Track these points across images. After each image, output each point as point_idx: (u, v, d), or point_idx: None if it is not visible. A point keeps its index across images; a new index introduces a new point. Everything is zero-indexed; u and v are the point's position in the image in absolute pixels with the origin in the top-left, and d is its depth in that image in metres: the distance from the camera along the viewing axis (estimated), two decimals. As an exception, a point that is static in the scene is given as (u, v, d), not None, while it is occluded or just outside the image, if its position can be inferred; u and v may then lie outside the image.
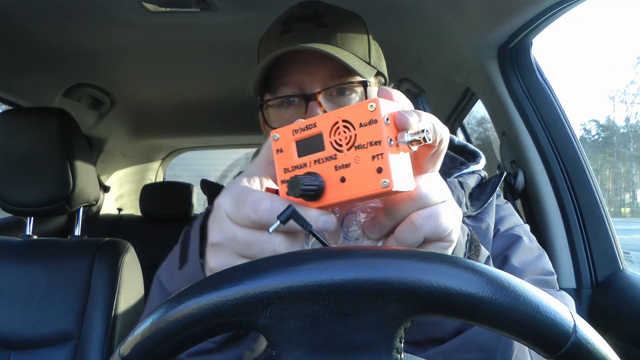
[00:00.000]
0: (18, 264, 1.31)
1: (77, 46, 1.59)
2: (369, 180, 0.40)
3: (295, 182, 0.41)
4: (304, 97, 0.74)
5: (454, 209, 0.46)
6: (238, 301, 0.33)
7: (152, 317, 0.35)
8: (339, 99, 0.75)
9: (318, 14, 0.78)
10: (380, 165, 0.40)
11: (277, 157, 0.45)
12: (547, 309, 0.32)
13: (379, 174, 0.40)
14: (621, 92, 17.91)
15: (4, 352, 1.23)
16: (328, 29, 0.76)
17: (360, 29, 0.80)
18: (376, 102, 0.41)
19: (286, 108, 0.76)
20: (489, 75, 1.40)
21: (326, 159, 0.43)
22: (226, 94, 2.09)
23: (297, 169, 0.44)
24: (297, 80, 0.75)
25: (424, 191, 0.43)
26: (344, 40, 0.76)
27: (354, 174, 0.41)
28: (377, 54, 0.82)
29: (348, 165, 0.42)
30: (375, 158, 0.40)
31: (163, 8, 1.33)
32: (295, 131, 0.44)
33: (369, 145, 0.41)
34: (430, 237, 0.44)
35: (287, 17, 0.80)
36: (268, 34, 0.82)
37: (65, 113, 1.37)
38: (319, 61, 0.73)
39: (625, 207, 13.54)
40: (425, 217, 0.43)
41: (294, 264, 0.34)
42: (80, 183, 1.37)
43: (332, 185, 0.42)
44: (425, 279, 0.32)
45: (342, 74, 0.74)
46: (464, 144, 0.87)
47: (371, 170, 0.40)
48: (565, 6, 1.12)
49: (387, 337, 0.34)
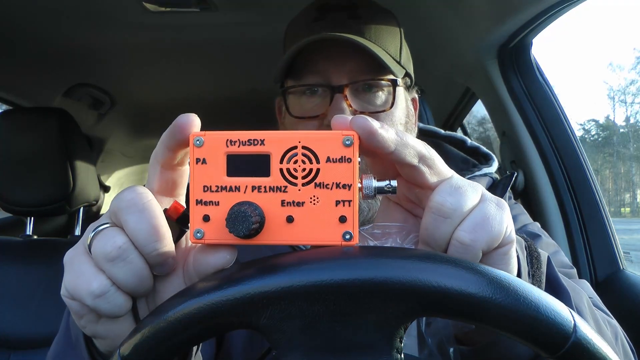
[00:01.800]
0: (18, 264, 1.31)
1: (77, 46, 1.59)
2: (327, 228, 0.35)
3: (242, 217, 0.33)
4: (331, 88, 0.72)
5: (496, 202, 0.39)
6: (238, 301, 0.33)
7: (152, 317, 0.35)
8: (364, 95, 0.73)
9: (353, 5, 0.76)
10: (344, 214, 0.34)
11: (197, 168, 0.36)
12: (547, 309, 0.32)
13: (341, 223, 0.34)
14: (621, 92, 17.95)
15: (4, 352, 1.23)
16: (362, 21, 0.74)
17: (394, 26, 0.78)
18: (354, 137, 0.35)
19: (308, 97, 0.74)
20: (489, 75, 1.40)
21: (271, 188, 0.35)
22: (226, 93, 2.09)
23: (225, 192, 0.35)
24: (324, 70, 0.72)
25: (450, 204, 0.37)
26: (377, 35, 0.74)
27: (308, 216, 0.35)
28: (407, 55, 0.80)
29: (301, 204, 0.35)
30: (340, 204, 0.35)
31: (163, 8, 1.33)
32: (231, 142, 0.35)
33: (335, 186, 0.35)
34: (489, 247, 0.38)
35: (321, 4, 0.77)
36: (298, 19, 0.80)
37: (65, 113, 1.37)
38: (349, 53, 0.71)
39: (625, 207, 13.58)
40: (471, 230, 0.37)
41: (294, 264, 0.34)
42: (80, 183, 1.37)
43: (274, 223, 0.35)
44: (425, 279, 0.32)
45: (371, 69, 0.72)
46: (477, 146, 0.86)
47: (332, 217, 0.35)
48: (565, 6, 1.12)
49: (387, 337, 0.34)
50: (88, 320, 0.39)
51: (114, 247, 0.36)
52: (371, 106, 0.73)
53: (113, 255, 0.36)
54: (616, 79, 52.72)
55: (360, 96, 0.73)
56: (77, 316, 0.40)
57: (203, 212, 0.35)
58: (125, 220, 0.36)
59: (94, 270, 0.37)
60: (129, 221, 0.36)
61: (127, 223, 0.36)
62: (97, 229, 0.37)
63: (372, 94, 0.73)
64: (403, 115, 0.76)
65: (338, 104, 0.70)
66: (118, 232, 0.37)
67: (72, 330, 0.49)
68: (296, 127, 0.74)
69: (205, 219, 0.35)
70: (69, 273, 0.38)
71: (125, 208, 0.36)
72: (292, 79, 0.75)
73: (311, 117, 0.73)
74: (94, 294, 0.36)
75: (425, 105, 1.91)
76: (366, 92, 0.73)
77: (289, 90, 0.75)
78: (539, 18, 1.18)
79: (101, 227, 0.37)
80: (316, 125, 0.73)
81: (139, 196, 0.37)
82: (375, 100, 0.73)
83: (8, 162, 1.33)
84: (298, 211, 0.35)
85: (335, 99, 0.71)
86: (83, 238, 0.39)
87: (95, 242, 0.37)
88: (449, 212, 0.37)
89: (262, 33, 1.45)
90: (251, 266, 0.35)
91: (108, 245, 0.36)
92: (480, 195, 0.39)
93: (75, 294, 0.37)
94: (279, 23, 0.85)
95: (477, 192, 0.39)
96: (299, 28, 0.78)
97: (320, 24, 0.74)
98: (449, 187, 0.38)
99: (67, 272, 0.39)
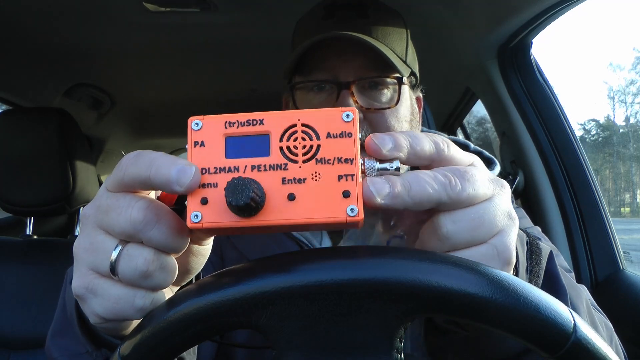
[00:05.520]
0: (18, 264, 1.31)
1: (77, 46, 1.59)
2: (331, 204, 0.33)
3: (242, 185, 0.32)
4: (338, 84, 0.73)
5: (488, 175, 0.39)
6: (238, 301, 0.33)
7: (152, 317, 0.35)
8: (371, 92, 0.75)
9: (362, 5, 0.78)
10: (348, 188, 0.33)
11: (195, 151, 0.35)
12: (547, 309, 0.32)
13: (345, 198, 0.33)
14: (621, 92, 17.94)
15: (4, 352, 1.23)
16: (370, 21, 0.76)
17: (401, 27, 0.80)
18: (353, 112, 0.34)
19: (316, 93, 0.76)
20: (489, 75, 1.40)
21: (271, 167, 0.34)
22: (226, 93, 2.09)
23: (224, 173, 0.34)
24: (332, 67, 0.74)
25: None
26: (384, 35, 0.75)
27: (310, 193, 0.34)
28: (413, 55, 0.82)
29: (302, 180, 0.34)
30: (343, 179, 0.34)
31: (163, 8, 1.33)
32: (229, 123, 0.35)
33: (336, 161, 0.34)
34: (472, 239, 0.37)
35: (330, 2, 0.79)
36: (307, 17, 0.82)
37: (65, 113, 1.37)
38: (357, 51, 0.73)
39: (625, 207, 13.58)
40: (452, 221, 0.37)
41: (294, 263, 0.34)
42: (80, 183, 1.37)
43: (275, 201, 0.34)
44: (425, 279, 0.32)
45: (378, 67, 0.74)
46: (480, 150, 0.87)
47: (335, 192, 0.34)
48: (565, 6, 1.13)
49: (387, 337, 0.34)
50: (125, 327, 0.40)
51: (148, 263, 0.35)
52: (377, 103, 0.75)
53: (151, 270, 0.35)
54: (616, 79, 52.70)
55: (366, 93, 0.75)
56: (110, 330, 0.40)
57: (201, 195, 0.34)
58: (149, 238, 0.35)
59: (132, 290, 0.36)
60: (153, 237, 0.35)
61: (152, 239, 0.35)
62: (116, 249, 0.36)
63: (378, 91, 0.75)
64: (408, 112, 0.78)
65: (344, 100, 0.72)
66: (141, 249, 0.36)
67: (67, 312, 0.49)
68: None
69: (203, 202, 0.34)
70: (97, 302, 0.37)
71: (142, 229, 0.35)
72: (300, 75, 0.77)
73: None
74: (143, 310, 0.36)
75: (426, 105, 1.91)
76: (372, 89, 0.75)
77: (297, 86, 0.77)
78: (539, 18, 1.18)
79: (117, 249, 0.36)
80: None
81: (149, 211, 0.35)
82: (381, 97, 0.75)
83: (8, 162, 1.33)
84: (300, 188, 0.34)
85: (342, 95, 0.72)
86: (85, 263, 0.37)
87: (122, 265, 0.36)
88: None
89: (262, 33, 1.46)
90: (251, 266, 0.35)
91: (140, 264, 0.35)
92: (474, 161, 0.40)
93: (119, 317, 0.37)
94: (279, 23, 0.85)
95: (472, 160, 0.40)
96: (308, 26, 0.79)
97: (329, 22, 0.76)
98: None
99: (93, 301, 0.37)
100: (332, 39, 0.71)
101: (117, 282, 0.37)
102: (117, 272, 0.36)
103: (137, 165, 0.35)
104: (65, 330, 0.50)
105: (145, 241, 0.36)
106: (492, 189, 0.38)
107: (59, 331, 0.53)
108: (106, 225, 0.36)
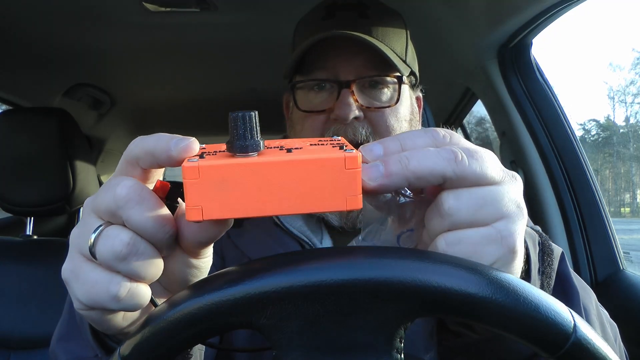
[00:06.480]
0: (18, 264, 1.31)
1: (77, 46, 1.59)
2: (327, 152, 0.34)
3: (242, 115, 0.33)
4: (338, 83, 0.74)
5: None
6: (238, 301, 0.33)
7: (152, 317, 0.35)
8: (371, 91, 0.75)
9: (362, 5, 0.78)
10: (343, 145, 0.36)
11: None
12: (547, 309, 0.32)
13: (340, 149, 0.35)
14: (621, 92, 17.91)
15: (4, 352, 1.23)
16: (370, 21, 0.77)
17: (401, 27, 0.81)
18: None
19: (317, 92, 0.77)
20: (489, 75, 1.40)
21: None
22: (226, 93, 2.09)
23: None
24: (332, 66, 0.75)
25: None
26: (384, 35, 0.76)
27: (308, 150, 0.35)
28: (412, 55, 0.83)
29: (299, 148, 0.36)
30: (337, 146, 0.36)
31: (163, 8, 1.33)
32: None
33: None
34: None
35: (331, 2, 0.80)
36: (308, 17, 0.83)
37: (65, 113, 1.37)
38: (357, 51, 0.74)
39: (625, 207, 13.57)
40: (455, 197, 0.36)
41: (294, 263, 0.34)
42: (80, 183, 1.37)
43: (272, 153, 0.34)
44: (425, 279, 0.32)
45: (378, 66, 0.74)
46: None
47: (331, 149, 0.36)
48: (565, 6, 1.12)
49: (387, 337, 0.34)
50: (108, 320, 0.39)
51: (123, 244, 0.35)
52: (377, 102, 0.75)
53: (125, 252, 0.35)
54: (616, 79, 52.72)
55: (366, 92, 0.75)
56: (96, 322, 0.39)
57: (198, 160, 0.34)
58: (128, 216, 0.35)
59: (108, 275, 0.36)
60: (132, 216, 0.35)
61: (131, 218, 0.35)
62: (96, 231, 0.36)
63: (378, 90, 0.76)
64: (408, 112, 0.78)
65: (345, 99, 0.73)
66: (119, 229, 0.36)
67: (77, 315, 0.49)
68: (304, 121, 0.77)
69: (201, 157, 0.34)
70: (78, 286, 0.37)
71: (123, 206, 0.35)
72: (301, 75, 0.78)
73: (318, 112, 0.76)
74: (117, 297, 0.36)
75: (426, 105, 1.91)
76: (372, 88, 0.76)
77: (298, 85, 0.78)
78: (539, 18, 1.18)
79: (97, 230, 0.36)
80: (323, 120, 0.75)
81: (132, 189, 0.36)
82: (381, 96, 0.76)
83: (8, 162, 1.33)
84: (297, 150, 0.35)
85: (343, 93, 0.73)
86: (75, 247, 0.38)
87: (100, 246, 0.36)
88: None
89: (262, 33, 1.46)
90: (251, 266, 0.35)
91: (116, 245, 0.35)
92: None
93: (96, 304, 0.36)
94: (279, 23, 0.85)
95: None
96: (309, 26, 0.80)
97: (329, 22, 0.77)
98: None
99: (75, 285, 0.37)
100: (333, 38, 0.72)
101: (97, 266, 0.36)
102: (94, 252, 0.36)
103: (144, 139, 0.37)
104: (72, 334, 0.50)
105: (125, 221, 0.36)
106: (502, 175, 0.37)
107: (66, 335, 0.52)
108: (96, 206, 0.37)
